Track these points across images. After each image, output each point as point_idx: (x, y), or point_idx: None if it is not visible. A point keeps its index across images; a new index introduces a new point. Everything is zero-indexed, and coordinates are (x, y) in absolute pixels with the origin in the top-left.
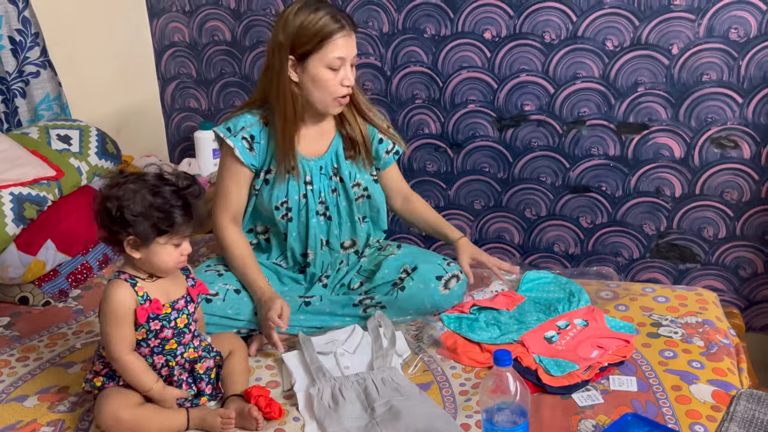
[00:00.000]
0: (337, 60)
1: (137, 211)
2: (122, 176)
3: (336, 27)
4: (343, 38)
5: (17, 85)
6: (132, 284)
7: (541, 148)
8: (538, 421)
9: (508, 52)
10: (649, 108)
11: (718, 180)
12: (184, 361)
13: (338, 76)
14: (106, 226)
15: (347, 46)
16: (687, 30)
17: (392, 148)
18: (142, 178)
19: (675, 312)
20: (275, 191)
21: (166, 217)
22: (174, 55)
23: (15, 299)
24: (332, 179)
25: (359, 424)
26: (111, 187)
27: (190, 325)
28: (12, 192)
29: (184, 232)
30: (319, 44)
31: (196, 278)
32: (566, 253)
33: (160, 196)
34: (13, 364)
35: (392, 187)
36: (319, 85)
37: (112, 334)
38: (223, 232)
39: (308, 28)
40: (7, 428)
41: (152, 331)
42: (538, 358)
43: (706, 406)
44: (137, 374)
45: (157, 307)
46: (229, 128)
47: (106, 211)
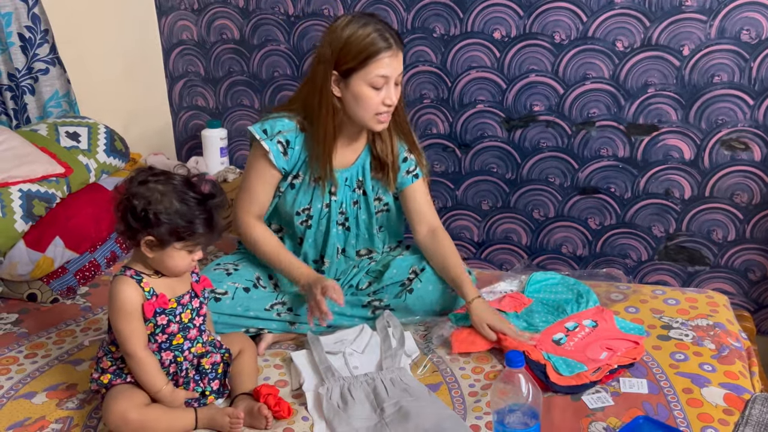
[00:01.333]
0: (381, 79)
1: (162, 215)
2: (151, 173)
3: (383, 45)
4: (389, 57)
5: (26, 82)
6: (138, 280)
7: (549, 148)
8: (549, 423)
9: (518, 52)
10: (659, 109)
11: (728, 182)
12: (192, 357)
13: (380, 95)
14: (127, 222)
15: (392, 66)
16: (698, 31)
17: (414, 169)
18: (171, 180)
19: (686, 314)
20: (299, 197)
21: (189, 226)
22: (182, 53)
23: (23, 296)
24: (355, 191)
25: (368, 424)
26: (140, 183)
27: (195, 320)
28: (21, 189)
29: (202, 242)
30: (363, 62)
31: (203, 275)
32: (574, 255)
33: (186, 204)
34: (22, 361)
35: (415, 210)
36: (360, 103)
37: (124, 331)
38: (249, 230)
39: (354, 45)
40: (15, 425)
41: (159, 326)
42: (546, 355)
43: (718, 410)
44: (150, 373)
45: (164, 301)
46: (265, 130)
47: (131, 208)
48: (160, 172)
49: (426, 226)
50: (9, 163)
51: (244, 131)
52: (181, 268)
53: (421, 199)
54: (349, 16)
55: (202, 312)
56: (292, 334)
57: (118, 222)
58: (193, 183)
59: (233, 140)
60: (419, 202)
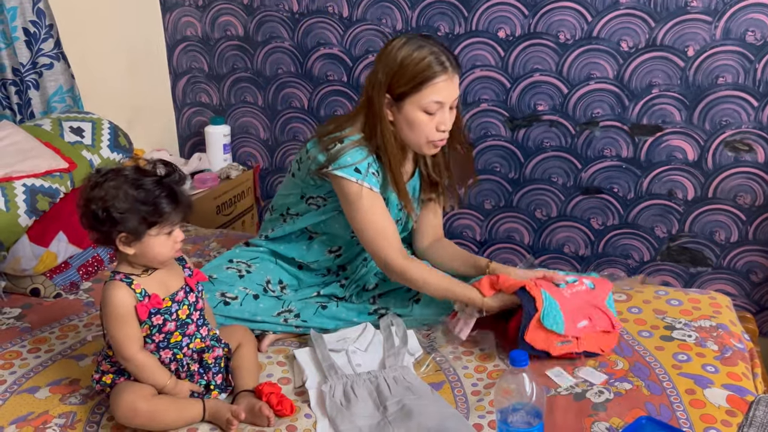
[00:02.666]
0: (435, 105)
1: (123, 208)
2: (100, 175)
3: (438, 70)
4: (444, 82)
5: (31, 77)
6: (128, 283)
7: (553, 148)
8: (551, 423)
9: (522, 52)
10: (663, 110)
11: (732, 183)
12: (191, 352)
13: (434, 120)
14: (95, 228)
15: (447, 90)
16: (703, 32)
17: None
18: (121, 173)
19: (688, 315)
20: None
21: (154, 208)
22: (186, 49)
23: (26, 290)
24: (401, 210)
25: (371, 422)
26: (91, 188)
27: (192, 315)
28: (25, 183)
29: (174, 219)
30: (417, 87)
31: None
32: (576, 255)
33: (142, 189)
34: (25, 356)
35: (431, 223)
36: (413, 128)
37: (119, 336)
38: (406, 274)
39: (408, 68)
40: (18, 419)
41: (155, 326)
42: (545, 295)
43: (720, 411)
44: (151, 372)
45: (157, 301)
46: (357, 170)
47: (92, 214)
48: (108, 170)
49: (432, 237)
50: (13, 158)
51: (248, 128)
52: (166, 255)
53: (437, 213)
54: (404, 38)
55: (198, 306)
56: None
57: (90, 233)
58: (144, 169)
59: (236, 137)
60: (438, 216)
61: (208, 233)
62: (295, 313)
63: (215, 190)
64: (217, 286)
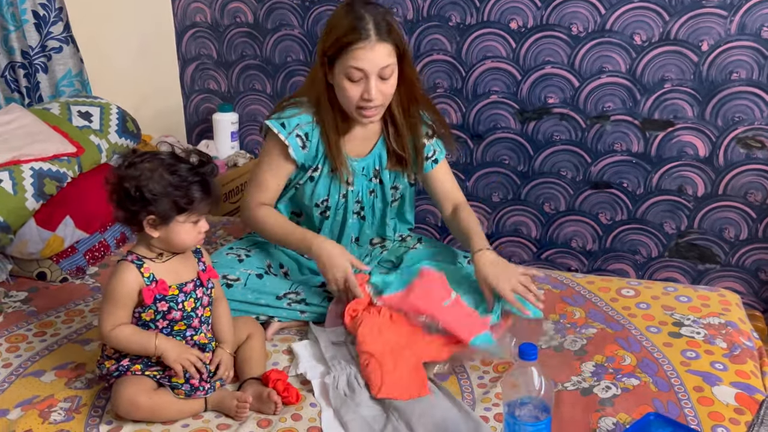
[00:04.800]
0: (356, 71)
1: (156, 190)
2: (136, 155)
3: (357, 36)
4: (362, 50)
5: (39, 60)
6: (138, 265)
7: (563, 141)
8: (558, 418)
9: (534, 44)
10: (675, 105)
11: (743, 180)
12: (194, 344)
13: (359, 88)
14: (125, 206)
15: (367, 59)
16: (718, 26)
17: (432, 155)
18: (158, 156)
19: (697, 312)
20: (318, 189)
21: (185, 194)
22: (195, 35)
23: (33, 274)
24: (372, 181)
25: (375, 412)
26: (127, 167)
27: (198, 310)
28: (33, 167)
29: (203, 209)
30: (339, 51)
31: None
32: (584, 249)
33: (177, 175)
34: (30, 339)
35: (439, 192)
36: (340, 94)
37: (104, 311)
38: (254, 212)
39: (333, 32)
40: (24, 402)
41: (160, 312)
42: None
43: (729, 409)
44: (130, 336)
45: (164, 288)
46: (283, 124)
47: (125, 192)
48: (144, 152)
49: (450, 204)
50: (21, 141)
51: (256, 116)
52: (189, 242)
53: (443, 178)
54: (346, 2)
55: (205, 303)
56: (300, 321)
57: (116, 210)
58: (179, 156)
59: (244, 125)
60: (441, 181)
61: (215, 220)
62: (301, 297)
63: (222, 177)
64: (218, 270)
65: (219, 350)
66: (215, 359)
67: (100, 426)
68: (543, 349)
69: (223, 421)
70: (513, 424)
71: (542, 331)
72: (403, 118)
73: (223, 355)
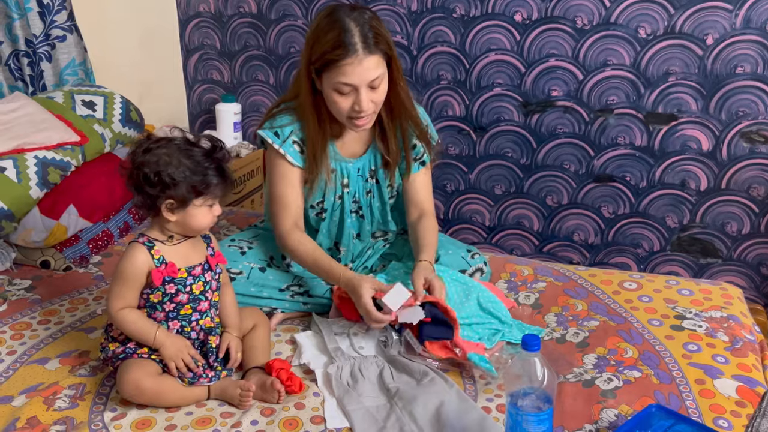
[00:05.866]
0: (345, 86)
1: (175, 175)
2: (152, 141)
3: (343, 53)
4: (350, 66)
5: (43, 49)
6: (149, 247)
7: (566, 135)
8: (560, 409)
9: (538, 36)
10: (679, 99)
11: (746, 175)
12: (199, 329)
13: (349, 100)
14: (143, 191)
15: (356, 74)
16: (723, 20)
17: (420, 156)
18: (172, 142)
19: (699, 305)
20: (313, 192)
21: (203, 178)
22: (198, 25)
23: (37, 263)
24: (368, 181)
25: (378, 403)
26: (143, 152)
27: (206, 293)
28: (36, 155)
29: (218, 193)
30: (326, 66)
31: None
32: (585, 243)
33: (194, 159)
34: (35, 327)
35: (412, 195)
36: (331, 105)
37: (112, 290)
38: (286, 239)
39: (318, 46)
40: (29, 389)
41: (167, 294)
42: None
43: (730, 401)
44: (135, 321)
45: (173, 270)
46: (276, 133)
47: (144, 177)
48: (159, 138)
49: (418, 211)
50: (25, 129)
51: (259, 106)
52: (205, 225)
53: (420, 186)
54: (330, 8)
55: (213, 287)
56: (303, 312)
57: (135, 196)
58: (193, 141)
59: (247, 115)
60: (418, 189)
61: None
62: (304, 288)
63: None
64: None
65: (226, 335)
66: (223, 344)
67: (105, 413)
68: (545, 340)
69: (227, 409)
70: (515, 415)
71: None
72: (389, 121)
73: (231, 339)
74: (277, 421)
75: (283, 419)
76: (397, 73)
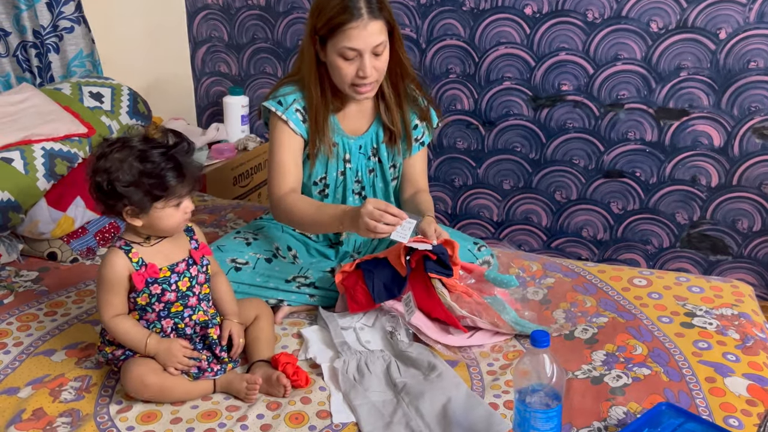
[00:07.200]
0: (350, 51)
1: (128, 181)
2: (107, 145)
3: (348, 17)
4: (356, 29)
5: (51, 40)
6: (126, 251)
7: (576, 129)
8: (568, 406)
9: (549, 30)
10: (690, 94)
11: (758, 171)
12: (194, 324)
13: (353, 66)
14: (101, 200)
15: (361, 38)
16: (737, 14)
17: (421, 137)
18: (128, 144)
19: (710, 303)
20: (316, 167)
21: (159, 182)
22: (206, 17)
23: (44, 254)
24: (371, 159)
25: (384, 398)
26: (98, 159)
27: (194, 288)
28: (44, 147)
29: (181, 192)
30: (331, 31)
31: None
32: (594, 239)
33: (148, 161)
34: (41, 319)
35: (410, 175)
36: (335, 72)
37: (100, 300)
38: (284, 199)
39: (324, 12)
40: (35, 381)
41: (154, 295)
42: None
43: (741, 400)
44: (127, 333)
45: (154, 271)
46: (279, 102)
47: (98, 186)
48: (115, 140)
49: (414, 188)
50: (32, 121)
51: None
52: (175, 225)
53: (419, 166)
54: None
55: (201, 281)
56: (310, 306)
57: (96, 204)
58: (151, 139)
59: (255, 108)
60: (416, 169)
61: (225, 203)
62: (310, 280)
63: (232, 161)
64: (226, 254)
65: (226, 322)
66: (224, 332)
67: (110, 405)
68: (553, 337)
69: (233, 403)
70: (523, 412)
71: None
72: (392, 93)
73: (232, 326)
74: (283, 415)
75: (289, 413)
76: (398, 42)
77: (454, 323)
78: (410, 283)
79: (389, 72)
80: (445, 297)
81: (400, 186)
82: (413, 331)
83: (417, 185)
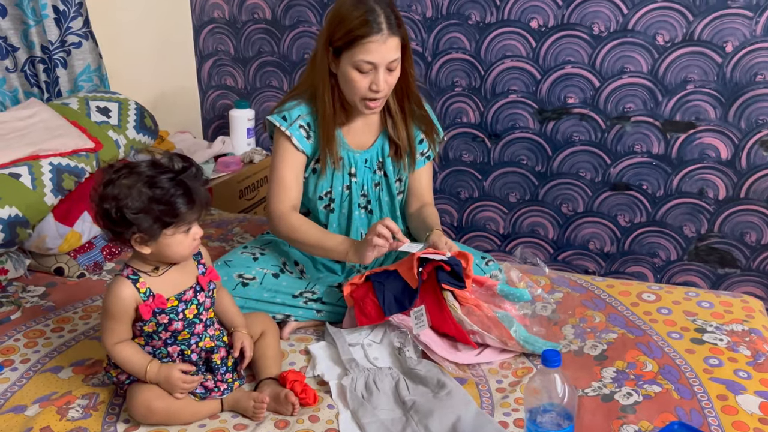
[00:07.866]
0: (366, 64)
1: (137, 208)
2: (114, 171)
3: (367, 30)
4: (375, 43)
5: (59, 55)
6: (134, 281)
7: (582, 142)
8: (579, 425)
9: (554, 43)
10: (697, 107)
11: (765, 184)
12: (200, 350)
13: (367, 80)
14: (109, 228)
15: (379, 52)
16: (743, 27)
17: (427, 151)
18: (135, 170)
19: (720, 318)
20: (321, 181)
21: (169, 208)
22: (213, 31)
23: (50, 269)
24: (376, 173)
25: (393, 416)
26: (105, 185)
27: (201, 315)
28: (51, 162)
29: (191, 218)
30: (350, 43)
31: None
32: (601, 252)
33: (158, 187)
34: (48, 335)
35: (416, 189)
36: (347, 85)
37: (104, 326)
38: (285, 221)
39: (344, 24)
40: (42, 398)
41: (161, 324)
42: None
43: (753, 418)
44: (128, 359)
45: (161, 302)
46: (284, 117)
47: (105, 213)
48: (121, 166)
49: (420, 203)
50: (40, 136)
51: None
52: (183, 253)
53: (424, 180)
54: None
55: (207, 306)
56: (317, 321)
57: (104, 232)
58: (159, 163)
59: (261, 121)
60: (423, 184)
61: (231, 217)
62: (317, 296)
63: (238, 174)
64: (233, 269)
65: (237, 334)
66: (237, 343)
67: (118, 424)
68: (563, 353)
69: (240, 421)
70: (534, 431)
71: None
72: (398, 108)
73: (243, 338)
74: None
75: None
76: (409, 60)
77: (463, 337)
78: (421, 296)
79: (396, 87)
80: (456, 310)
81: (406, 200)
82: (422, 348)
83: (423, 199)
